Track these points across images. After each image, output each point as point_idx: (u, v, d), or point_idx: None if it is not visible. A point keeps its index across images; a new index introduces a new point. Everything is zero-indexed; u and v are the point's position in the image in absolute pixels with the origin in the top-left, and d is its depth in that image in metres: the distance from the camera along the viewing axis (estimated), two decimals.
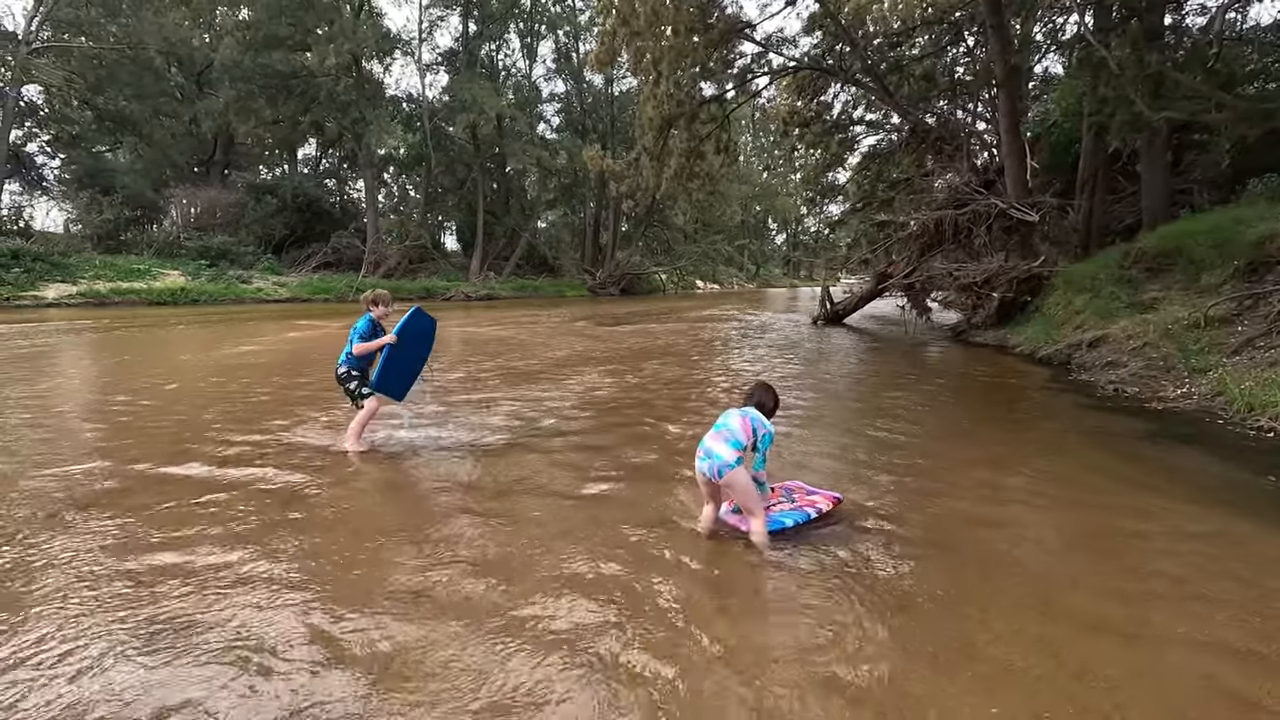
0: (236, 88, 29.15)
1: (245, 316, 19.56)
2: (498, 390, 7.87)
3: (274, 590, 2.88)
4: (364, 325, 5.11)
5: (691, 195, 22.34)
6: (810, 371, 9.95)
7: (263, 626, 2.60)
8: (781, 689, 2.27)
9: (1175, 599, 2.91)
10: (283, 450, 5.11)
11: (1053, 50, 19.31)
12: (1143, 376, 7.94)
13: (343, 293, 28.44)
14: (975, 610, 2.81)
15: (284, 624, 2.62)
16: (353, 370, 5.14)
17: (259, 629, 2.58)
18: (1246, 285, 8.36)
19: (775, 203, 64.06)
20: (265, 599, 2.80)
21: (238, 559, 3.17)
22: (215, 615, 2.67)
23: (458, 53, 38.03)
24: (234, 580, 2.96)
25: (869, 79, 18.35)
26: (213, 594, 2.83)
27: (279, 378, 8.59)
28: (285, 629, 2.59)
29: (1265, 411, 5.83)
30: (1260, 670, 2.38)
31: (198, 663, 2.36)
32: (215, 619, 2.64)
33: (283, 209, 32.41)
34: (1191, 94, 9.95)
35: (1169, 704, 2.20)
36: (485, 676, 2.32)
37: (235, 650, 2.43)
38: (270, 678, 2.28)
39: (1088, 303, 11.14)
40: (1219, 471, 4.73)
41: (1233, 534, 3.59)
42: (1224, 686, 2.29)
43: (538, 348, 12.48)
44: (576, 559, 3.25)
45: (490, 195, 39.77)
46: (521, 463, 4.91)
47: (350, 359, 5.11)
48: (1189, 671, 2.38)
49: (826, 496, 3.86)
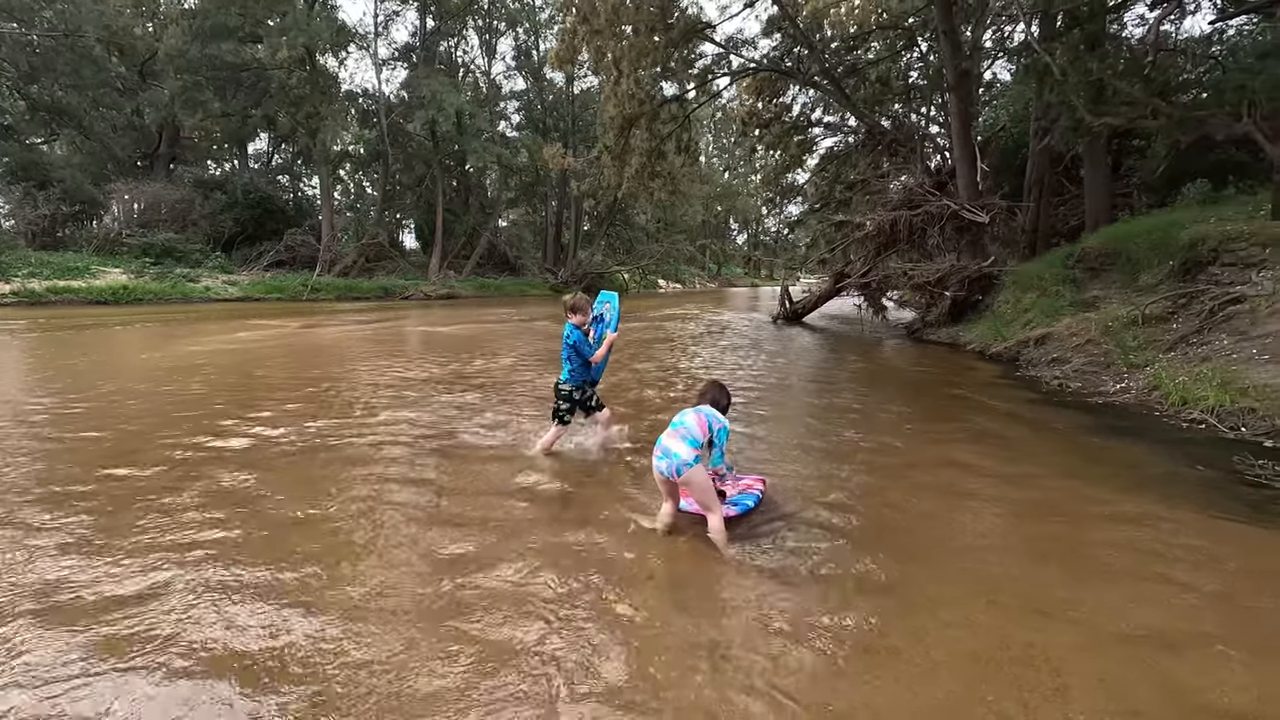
0: (182, 79, 27.99)
1: (194, 316, 18.90)
2: (444, 388, 7.76)
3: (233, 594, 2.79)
4: (577, 336, 4.75)
5: (653, 194, 22.41)
6: (769, 369, 10.07)
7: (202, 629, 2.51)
8: (737, 683, 2.30)
9: (1113, 583, 3.03)
10: (234, 457, 4.95)
11: (1002, 56, 19.94)
12: (1085, 372, 8.26)
13: (297, 292, 27.68)
14: (925, 600, 2.88)
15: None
16: (583, 384, 4.90)
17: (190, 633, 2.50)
18: (1180, 285, 8.76)
19: (736, 202, 64.62)
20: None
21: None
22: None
23: (415, 48, 37.38)
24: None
25: (826, 81, 18.67)
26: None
27: (233, 378, 8.32)
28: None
29: (1196, 405, 6.12)
30: (1190, 649, 2.50)
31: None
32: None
33: (233, 205, 31.39)
34: (1130, 101, 10.39)
35: (1108, 684, 2.29)
36: (420, 689, 2.28)
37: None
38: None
39: (1035, 301, 11.54)
40: (1154, 462, 4.95)
41: (1166, 521, 3.76)
42: (1157, 665, 2.40)
43: (495, 346, 12.36)
44: (531, 557, 3.23)
45: (450, 193, 39.20)
46: (469, 461, 4.85)
47: (577, 374, 4.83)
48: (1125, 652, 2.48)
49: (755, 479, 4.08)
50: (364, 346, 12.31)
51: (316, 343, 12.83)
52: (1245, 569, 3.17)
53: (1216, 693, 2.25)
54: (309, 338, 13.73)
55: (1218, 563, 3.24)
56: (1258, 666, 2.39)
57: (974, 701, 2.21)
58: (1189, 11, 13.40)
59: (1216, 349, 7.15)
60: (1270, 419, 5.44)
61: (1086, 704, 2.18)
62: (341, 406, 6.72)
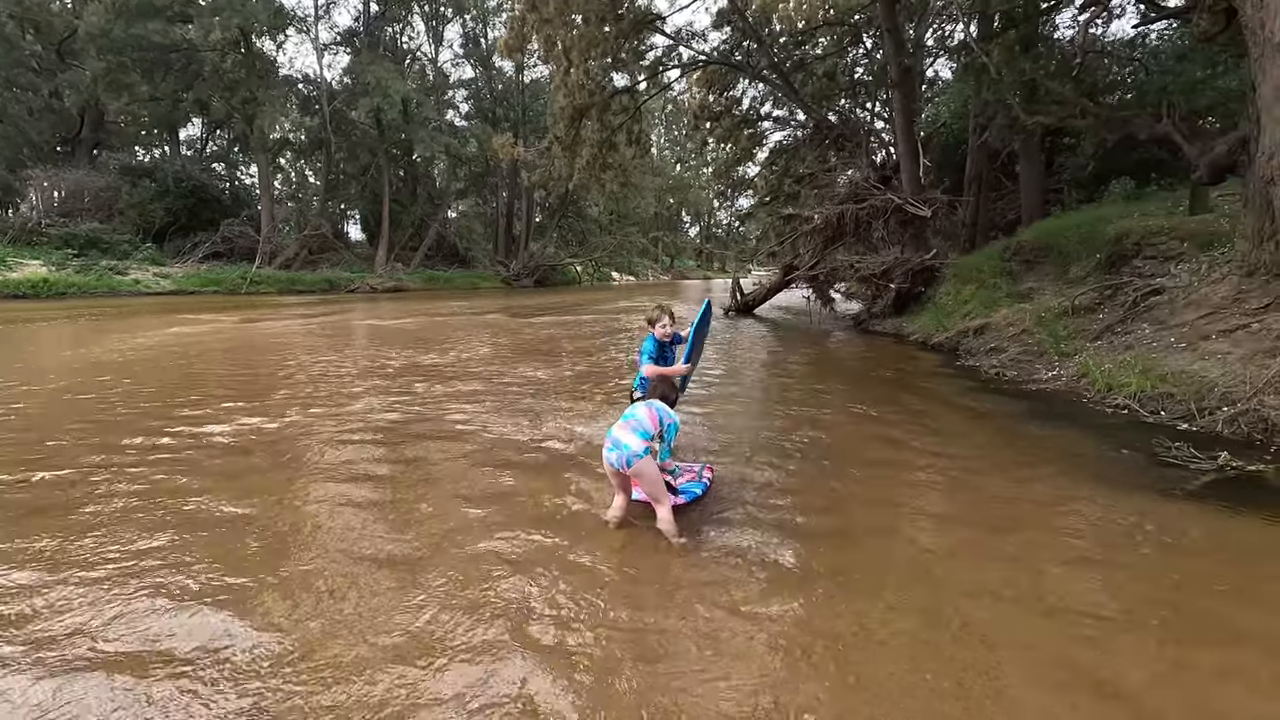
0: (105, 59, 26.42)
1: (124, 311, 17.97)
2: (396, 384, 7.60)
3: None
4: (650, 346, 4.53)
5: (605, 186, 22.31)
6: (720, 361, 10.18)
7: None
8: (683, 672, 2.32)
9: (1042, 563, 3.18)
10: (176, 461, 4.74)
11: (943, 55, 20.51)
12: (1020, 361, 8.61)
13: (235, 285, 26.62)
14: (867, 583, 2.96)
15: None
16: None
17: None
18: (1106, 277, 9.20)
19: (688, 195, 65.02)
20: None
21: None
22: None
23: (358, 33, 36.26)
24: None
25: (775, 76, 18.87)
26: None
27: (165, 377, 7.95)
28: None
29: (1120, 391, 6.45)
30: (1114, 626, 2.64)
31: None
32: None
33: (164, 194, 29.92)
34: (1060, 100, 10.85)
35: (1038, 660, 2.40)
36: (386, 676, 2.24)
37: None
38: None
39: (974, 293, 11.95)
40: (1081, 447, 5.20)
41: (1092, 502, 3.95)
42: (1081, 638, 2.53)
43: (445, 341, 12.14)
44: (483, 551, 3.19)
45: (396, 183, 38.25)
46: (424, 457, 4.76)
47: (645, 383, 4.51)
48: (1052, 626, 2.61)
49: (703, 467, 4.20)
50: (308, 341, 11.93)
51: (256, 338, 12.37)
52: (1160, 546, 3.37)
53: (1127, 666, 2.38)
54: (248, 333, 13.22)
55: (1134, 540, 3.43)
56: (1166, 643, 2.54)
57: (915, 680, 2.29)
58: (1115, 15, 14.03)
59: (1139, 338, 7.54)
60: (1185, 403, 5.77)
61: (1017, 677, 2.29)
62: (282, 404, 6.50)
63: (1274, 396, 5.17)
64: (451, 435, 5.42)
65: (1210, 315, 6.89)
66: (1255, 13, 6.05)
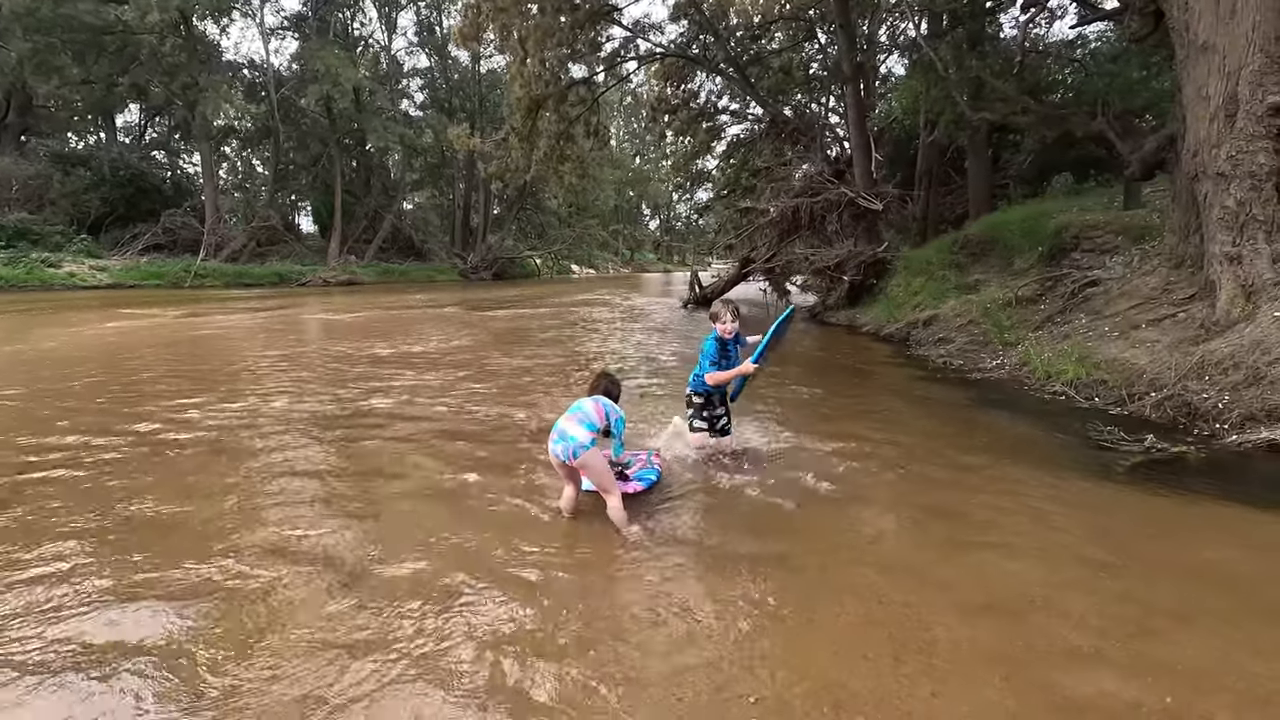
0: (32, 40, 25.00)
1: (57, 305, 17.14)
2: (347, 378, 7.45)
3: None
4: (710, 347, 4.28)
5: (563, 178, 22.12)
6: (677, 352, 10.24)
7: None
8: (632, 660, 2.35)
9: (980, 544, 3.30)
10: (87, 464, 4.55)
11: (895, 51, 20.92)
12: (966, 350, 8.89)
13: (178, 278, 25.62)
14: (813, 567, 3.04)
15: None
16: (695, 394, 4.47)
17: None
18: (1047, 269, 9.55)
19: (648, 188, 64.94)
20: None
21: None
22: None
23: (307, 18, 35.13)
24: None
25: (732, 70, 19.00)
26: None
27: (99, 374, 7.62)
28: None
29: (1059, 378, 6.72)
30: (1040, 599, 2.75)
31: None
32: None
33: (99, 183, 28.60)
34: (1004, 98, 11.19)
35: (971, 634, 2.50)
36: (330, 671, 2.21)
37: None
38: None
39: (924, 285, 12.27)
40: (1022, 431, 5.41)
41: (1030, 484, 4.12)
42: (1014, 616, 2.63)
43: (400, 335, 11.93)
44: (430, 544, 3.17)
45: (349, 174, 37.31)
46: (377, 450, 4.69)
47: (699, 380, 4.39)
48: (986, 604, 2.71)
49: (652, 455, 4.26)
50: (255, 337, 11.59)
51: (199, 334, 11.95)
52: (1092, 526, 3.53)
53: (1061, 640, 2.50)
54: (191, 328, 12.76)
55: (1069, 520, 3.58)
56: (1091, 619, 2.67)
57: (855, 658, 2.36)
58: (1057, 16, 14.53)
59: (1076, 327, 7.86)
60: (1117, 390, 6.05)
61: (951, 655, 2.37)
62: (224, 400, 6.31)
63: (1196, 382, 5.45)
64: (400, 428, 5.34)
65: (1141, 305, 7.22)
66: (1181, 15, 6.34)
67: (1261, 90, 5.83)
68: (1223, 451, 4.64)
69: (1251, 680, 2.20)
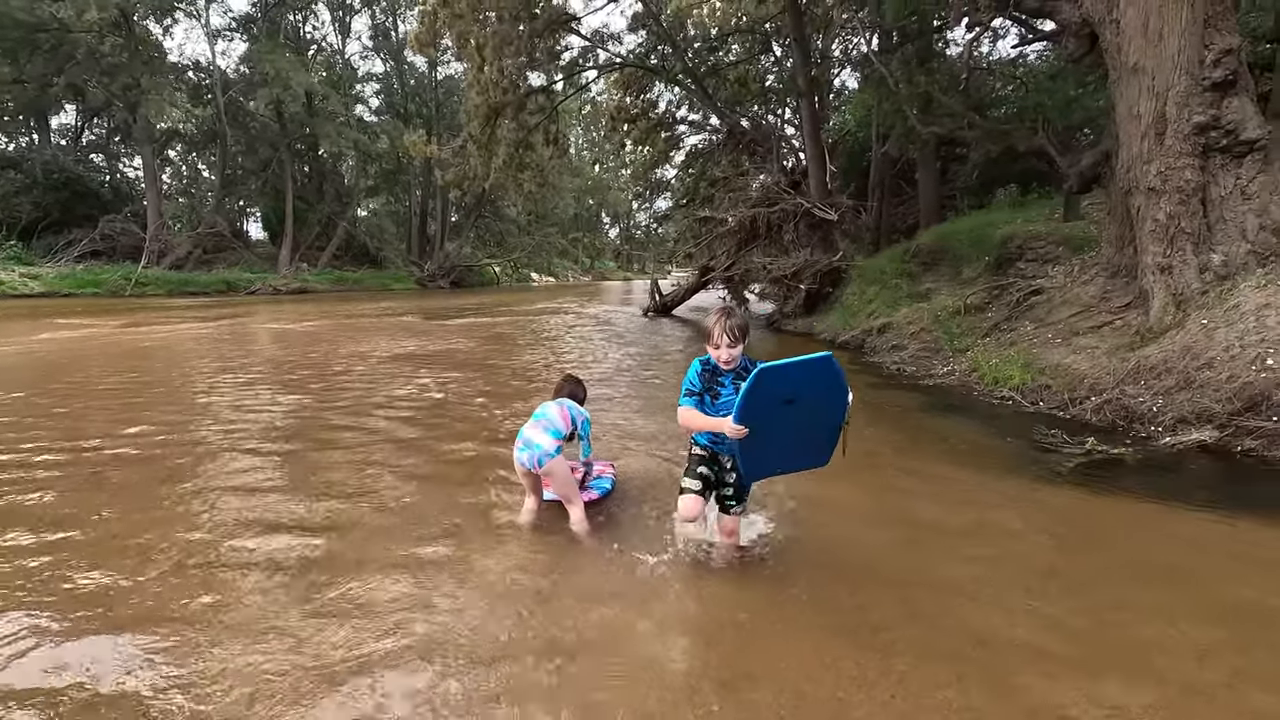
0: None
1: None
2: (303, 387, 7.25)
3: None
4: (695, 376, 3.02)
5: (522, 186, 22.02)
6: (636, 360, 10.26)
7: None
8: (595, 669, 2.33)
9: (935, 546, 3.38)
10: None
11: (847, 66, 21.49)
12: (919, 357, 9.14)
13: (118, 286, 24.57)
14: (773, 574, 3.06)
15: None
16: (695, 442, 3.16)
17: None
18: (994, 278, 9.90)
19: (607, 196, 65.08)
20: None
21: None
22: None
23: (255, 19, 34.25)
24: None
25: (690, 80, 19.24)
26: None
27: (27, 389, 7.24)
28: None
29: (1005, 384, 6.95)
30: (988, 596, 2.84)
31: None
32: None
33: (31, 187, 27.34)
34: (951, 113, 11.58)
35: (925, 634, 2.55)
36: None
37: None
38: None
39: (878, 293, 12.57)
40: (971, 435, 5.58)
41: (979, 487, 4.25)
42: (963, 613, 2.70)
43: (353, 343, 11.66)
44: (387, 556, 3.09)
45: (301, 179, 36.42)
46: (331, 461, 4.56)
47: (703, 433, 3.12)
48: (938, 603, 2.77)
49: (605, 464, 4.25)
50: (199, 348, 11.18)
51: (139, 345, 11.46)
52: (1036, 525, 3.66)
53: (1017, 634, 2.58)
54: (131, 339, 12.24)
55: (1005, 517, 3.71)
56: (1039, 611, 2.76)
57: (817, 664, 2.39)
58: (1000, 35, 15.13)
59: (1021, 334, 8.15)
60: (1060, 394, 6.29)
61: (908, 655, 2.42)
62: (162, 415, 6.06)
63: (1133, 386, 5.71)
64: (356, 440, 5.21)
65: (1081, 313, 7.54)
66: (1113, 38, 6.67)
67: (1188, 110, 6.16)
68: (1158, 452, 4.86)
69: (1185, 674, 2.31)
